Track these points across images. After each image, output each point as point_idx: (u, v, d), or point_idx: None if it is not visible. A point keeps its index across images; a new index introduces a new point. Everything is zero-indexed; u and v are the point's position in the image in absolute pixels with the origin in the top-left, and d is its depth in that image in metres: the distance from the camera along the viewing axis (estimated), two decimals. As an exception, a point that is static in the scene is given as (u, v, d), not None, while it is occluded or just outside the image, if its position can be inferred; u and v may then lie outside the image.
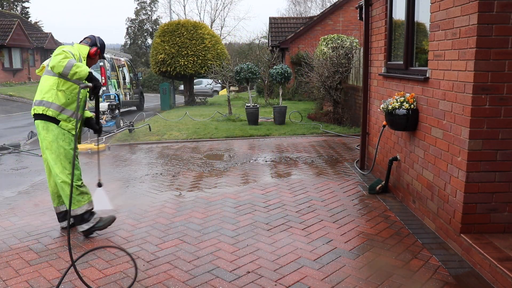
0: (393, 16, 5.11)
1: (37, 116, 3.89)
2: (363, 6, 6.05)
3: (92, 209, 4.00)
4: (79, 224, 3.97)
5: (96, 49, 4.11)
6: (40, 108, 3.85)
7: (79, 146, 8.46)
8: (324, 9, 28.76)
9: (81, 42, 4.20)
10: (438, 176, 3.80)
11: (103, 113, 11.24)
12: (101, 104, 11.44)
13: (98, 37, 4.24)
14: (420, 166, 4.21)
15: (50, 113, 3.83)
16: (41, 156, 8.18)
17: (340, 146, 8.19)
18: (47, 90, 3.84)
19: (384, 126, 4.98)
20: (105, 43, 4.44)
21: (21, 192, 5.70)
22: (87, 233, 3.99)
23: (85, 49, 4.05)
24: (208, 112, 14.86)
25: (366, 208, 4.63)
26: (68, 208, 3.81)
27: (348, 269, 3.27)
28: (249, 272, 3.25)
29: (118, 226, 4.26)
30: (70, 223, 3.87)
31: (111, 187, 5.75)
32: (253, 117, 11.28)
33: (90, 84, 3.69)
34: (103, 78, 14.02)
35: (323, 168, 6.45)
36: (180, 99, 23.54)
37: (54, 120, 3.86)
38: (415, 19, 4.45)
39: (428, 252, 3.52)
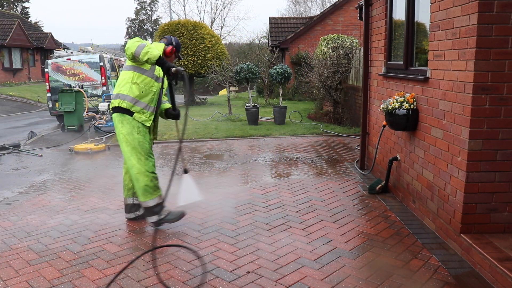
0: (393, 16, 5.11)
1: (114, 109, 4.09)
2: (363, 6, 6.05)
3: (163, 202, 4.06)
4: (148, 216, 4.13)
5: (172, 47, 4.09)
6: (116, 101, 4.06)
7: (79, 146, 8.48)
8: (324, 9, 28.75)
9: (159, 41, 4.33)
10: (438, 176, 3.80)
11: (103, 113, 11.24)
12: (100, 104, 11.45)
13: (174, 38, 4.34)
14: (420, 166, 4.21)
15: (124, 105, 4.02)
16: (41, 156, 8.22)
17: (340, 146, 8.18)
18: (123, 84, 4.06)
19: (384, 126, 4.98)
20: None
21: (21, 192, 5.70)
22: (156, 225, 4.12)
23: (160, 46, 4.11)
24: (208, 112, 14.86)
25: (366, 208, 4.63)
26: (139, 200, 4.14)
27: (348, 269, 3.27)
28: (249, 272, 3.25)
29: (118, 226, 4.27)
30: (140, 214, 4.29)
31: (111, 188, 5.75)
32: (253, 117, 11.28)
33: (173, 69, 3.68)
34: (103, 78, 14.02)
35: (323, 168, 6.45)
36: (180, 99, 23.54)
37: (128, 112, 4.04)
38: (415, 19, 4.45)
39: (428, 252, 3.52)
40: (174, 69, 3.68)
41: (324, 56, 12.27)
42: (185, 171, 4.13)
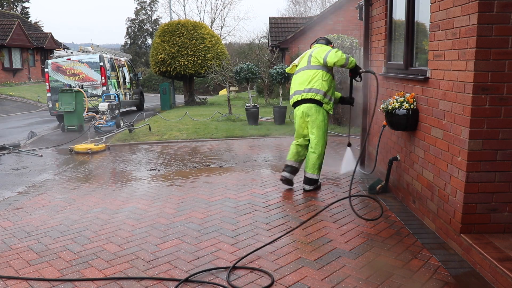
0: (393, 16, 5.11)
1: (306, 101, 5.14)
2: (363, 6, 6.05)
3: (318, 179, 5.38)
4: (307, 184, 5.30)
5: (332, 46, 5.39)
6: (310, 94, 5.09)
7: (79, 146, 8.48)
8: (324, 9, 28.74)
9: (316, 42, 5.45)
10: (438, 176, 3.80)
11: (103, 113, 11.25)
12: (100, 104, 11.46)
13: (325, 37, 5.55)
14: (420, 166, 4.21)
15: (318, 97, 5.08)
16: (41, 156, 8.21)
17: (340, 146, 8.18)
18: (315, 80, 5.08)
19: (384, 126, 4.98)
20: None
21: (21, 192, 5.70)
22: (307, 190, 5.29)
23: (326, 48, 5.23)
24: (208, 112, 14.86)
25: (366, 208, 4.63)
26: (307, 171, 5.28)
27: (348, 269, 3.27)
28: (249, 272, 3.25)
29: (118, 226, 4.27)
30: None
31: (112, 188, 5.76)
32: (253, 117, 11.28)
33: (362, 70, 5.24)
34: (103, 78, 14.02)
35: (323, 168, 6.43)
36: (180, 99, 23.53)
37: (320, 103, 5.12)
38: (415, 19, 4.45)
39: (428, 252, 3.52)
40: (362, 70, 5.23)
41: (324, 56, 12.25)
42: (349, 145, 5.71)
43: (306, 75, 5.12)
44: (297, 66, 5.36)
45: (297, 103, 5.22)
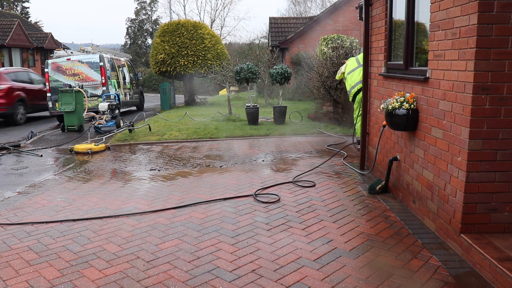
0: (393, 16, 5.11)
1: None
2: (363, 6, 6.05)
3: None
4: (357, 144, 7.31)
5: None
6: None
7: (79, 146, 8.48)
8: (324, 9, 28.74)
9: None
10: (438, 176, 3.80)
11: (103, 113, 11.24)
12: (100, 104, 11.45)
13: None
14: (420, 166, 4.21)
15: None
16: (41, 156, 8.22)
17: (340, 146, 8.17)
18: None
19: (384, 126, 4.98)
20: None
21: (21, 192, 5.70)
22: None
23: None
24: (208, 112, 14.85)
25: (366, 208, 4.63)
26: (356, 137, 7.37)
27: (348, 269, 3.27)
28: (249, 272, 3.25)
29: (118, 226, 4.27)
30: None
31: (111, 188, 5.76)
32: (253, 117, 11.28)
33: None
34: (103, 78, 14.01)
35: (323, 168, 6.44)
36: (180, 99, 23.53)
37: None
38: (415, 19, 4.45)
39: (428, 252, 3.52)
40: None
41: (324, 56, 12.27)
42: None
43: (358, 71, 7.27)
44: (344, 73, 7.99)
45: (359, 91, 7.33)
